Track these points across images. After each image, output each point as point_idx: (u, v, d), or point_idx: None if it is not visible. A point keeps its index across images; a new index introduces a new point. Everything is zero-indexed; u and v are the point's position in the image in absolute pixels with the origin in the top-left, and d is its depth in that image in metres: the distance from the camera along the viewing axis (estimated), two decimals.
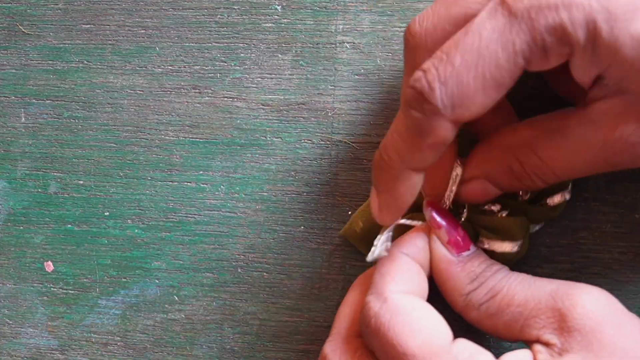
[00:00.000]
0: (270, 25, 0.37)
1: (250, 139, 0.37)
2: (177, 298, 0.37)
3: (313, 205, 0.36)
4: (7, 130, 0.39)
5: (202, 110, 0.37)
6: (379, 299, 0.29)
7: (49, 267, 0.38)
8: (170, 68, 0.38)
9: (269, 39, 0.37)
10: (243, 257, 0.37)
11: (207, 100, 0.37)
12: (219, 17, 0.37)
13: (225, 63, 0.37)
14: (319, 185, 0.36)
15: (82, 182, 0.38)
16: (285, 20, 0.37)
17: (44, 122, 0.38)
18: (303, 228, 0.36)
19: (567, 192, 0.31)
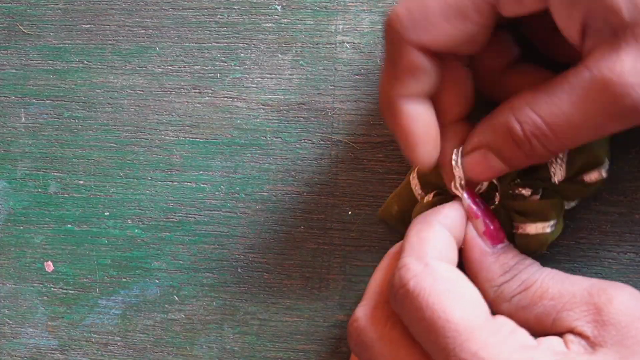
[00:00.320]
0: (270, 25, 0.37)
1: (250, 139, 0.37)
2: (177, 298, 0.37)
3: (313, 205, 0.36)
4: (7, 130, 0.39)
5: (202, 110, 0.37)
6: (419, 263, 0.28)
7: (49, 267, 0.38)
8: (170, 68, 0.38)
9: (269, 39, 0.37)
10: (243, 257, 0.37)
11: (207, 100, 0.37)
12: (219, 17, 0.37)
13: (225, 63, 0.37)
14: (319, 185, 0.36)
15: (82, 182, 0.38)
16: (285, 20, 0.37)
17: (44, 122, 0.38)
18: (303, 228, 0.36)
19: (604, 169, 0.30)
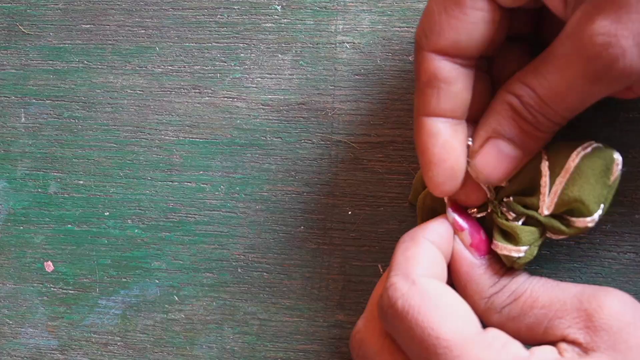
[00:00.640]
0: (270, 25, 0.37)
1: (250, 139, 0.37)
2: (177, 298, 0.37)
3: (313, 205, 0.36)
4: (7, 130, 0.39)
5: (202, 110, 0.37)
6: (406, 281, 0.28)
7: (49, 267, 0.38)
8: (170, 68, 0.38)
9: (269, 39, 0.37)
10: (243, 257, 0.37)
11: (207, 100, 0.37)
12: (219, 17, 0.37)
13: (225, 63, 0.37)
14: (319, 185, 0.36)
15: (82, 182, 0.38)
16: (285, 20, 0.37)
17: (44, 122, 0.38)
18: (303, 228, 0.36)
19: (591, 220, 0.29)
